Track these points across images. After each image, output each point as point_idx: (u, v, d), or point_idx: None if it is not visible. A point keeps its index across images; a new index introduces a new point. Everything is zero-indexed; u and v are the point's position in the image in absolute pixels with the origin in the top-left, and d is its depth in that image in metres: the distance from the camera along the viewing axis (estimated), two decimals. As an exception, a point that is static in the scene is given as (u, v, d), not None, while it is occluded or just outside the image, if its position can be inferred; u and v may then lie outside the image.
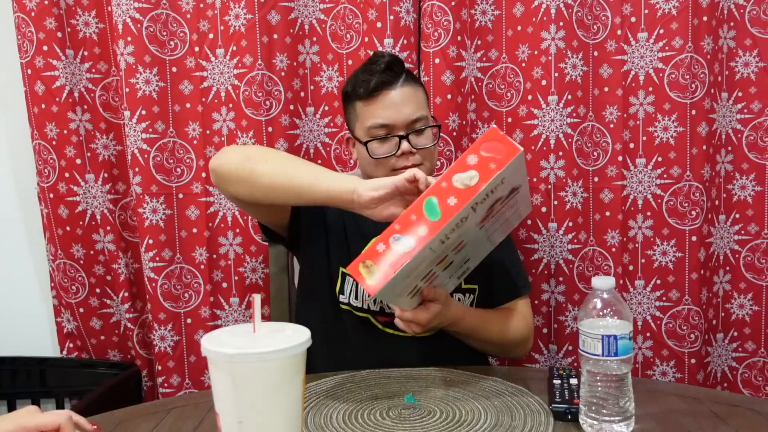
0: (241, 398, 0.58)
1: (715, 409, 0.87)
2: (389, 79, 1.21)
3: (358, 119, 1.23)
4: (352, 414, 0.86)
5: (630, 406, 0.80)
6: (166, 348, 1.55)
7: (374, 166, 1.21)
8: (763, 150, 1.47)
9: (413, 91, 1.23)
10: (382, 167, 1.20)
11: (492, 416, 0.84)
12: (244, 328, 0.64)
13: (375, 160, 1.20)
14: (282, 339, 0.61)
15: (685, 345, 1.51)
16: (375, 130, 1.20)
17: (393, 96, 1.20)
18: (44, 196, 1.58)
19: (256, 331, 0.62)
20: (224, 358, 0.58)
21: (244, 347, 0.58)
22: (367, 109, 1.21)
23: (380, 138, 1.20)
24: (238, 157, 1.10)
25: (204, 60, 1.53)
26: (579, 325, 0.81)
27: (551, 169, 1.49)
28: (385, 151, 1.19)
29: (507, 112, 1.53)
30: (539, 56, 1.48)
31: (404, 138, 1.18)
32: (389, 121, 1.19)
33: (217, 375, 0.60)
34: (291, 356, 0.59)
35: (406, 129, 1.19)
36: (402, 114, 1.19)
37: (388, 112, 1.19)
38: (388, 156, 1.19)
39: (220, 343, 0.60)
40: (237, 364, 0.58)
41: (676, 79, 1.44)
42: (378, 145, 1.20)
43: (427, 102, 1.27)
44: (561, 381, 0.92)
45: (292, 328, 0.64)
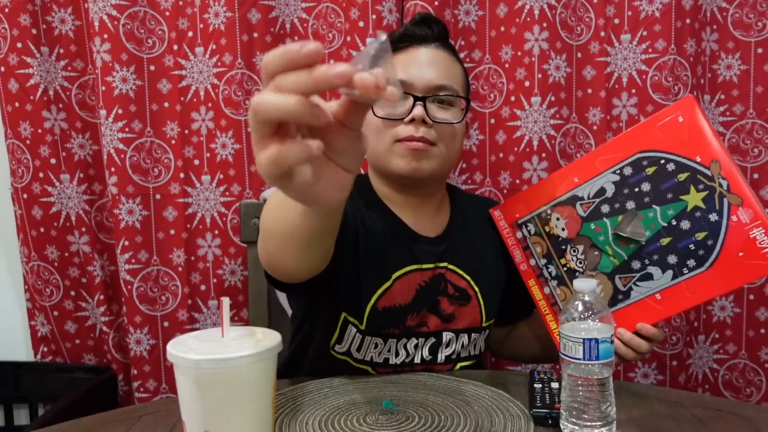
0: (207, 406, 0.56)
1: (698, 413, 0.86)
2: (421, 33, 1.06)
3: None
4: (328, 420, 0.83)
5: (611, 410, 0.78)
6: (142, 352, 1.52)
7: (376, 133, 1.02)
8: (744, 153, 1.47)
9: (448, 58, 1.06)
10: (384, 134, 1.02)
11: (471, 421, 0.83)
12: (212, 333, 0.62)
13: (379, 120, 1.01)
14: (251, 344, 0.58)
15: (666, 347, 1.50)
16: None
17: (420, 53, 1.04)
18: (18, 196, 1.54)
19: (224, 336, 0.60)
20: (189, 364, 0.56)
21: (211, 352, 0.56)
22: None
23: None
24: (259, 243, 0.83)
25: (182, 58, 1.50)
26: (560, 329, 0.80)
27: (534, 170, 1.48)
28: (393, 113, 1.00)
29: (490, 113, 1.52)
30: (522, 57, 1.47)
31: (421, 102, 1.00)
32: (407, 77, 1.01)
33: (182, 382, 0.57)
34: (260, 362, 0.57)
35: (426, 93, 1.01)
36: (425, 74, 1.01)
37: (409, 68, 1.02)
38: (395, 119, 1.00)
39: (186, 348, 0.57)
40: (203, 370, 0.55)
41: (659, 81, 1.44)
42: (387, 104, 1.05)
43: (466, 85, 1.12)
44: (542, 385, 0.91)
45: (262, 332, 0.62)
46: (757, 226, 0.89)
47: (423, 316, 1.07)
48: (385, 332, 1.04)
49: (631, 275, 0.98)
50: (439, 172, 1.06)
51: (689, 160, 0.93)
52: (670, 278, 0.96)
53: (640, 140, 0.97)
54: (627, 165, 0.97)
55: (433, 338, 1.07)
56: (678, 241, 0.95)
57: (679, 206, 0.94)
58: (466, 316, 1.10)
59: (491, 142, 1.52)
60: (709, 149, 0.92)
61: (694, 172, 0.93)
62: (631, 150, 0.97)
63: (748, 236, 0.90)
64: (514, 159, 1.49)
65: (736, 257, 0.90)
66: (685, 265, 0.94)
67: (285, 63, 0.41)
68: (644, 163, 0.96)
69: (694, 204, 0.94)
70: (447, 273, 1.09)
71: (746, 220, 0.90)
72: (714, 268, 0.92)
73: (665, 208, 0.95)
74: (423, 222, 1.10)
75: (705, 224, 0.93)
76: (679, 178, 0.94)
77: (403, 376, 1.02)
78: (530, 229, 1.06)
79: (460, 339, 1.09)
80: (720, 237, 0.91)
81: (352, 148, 0.49)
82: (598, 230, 1.00)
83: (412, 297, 1.05)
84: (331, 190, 0.49)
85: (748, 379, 1.51)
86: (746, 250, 0.90)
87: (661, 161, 0.95)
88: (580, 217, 1.01)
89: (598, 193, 1.00)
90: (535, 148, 1.47)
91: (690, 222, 0.94)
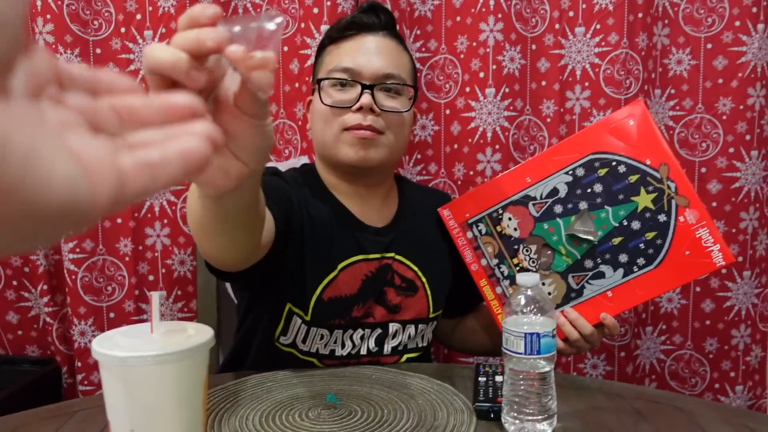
0: (133, 405, 0.54)
1: (638, 406, 0.87)
2: (368, 21, 1.05)
3: (323, 66, 1.05)
4: (269, 415, 0.82)
5: (552, 404, 0.79)
6: (86, 344, 1.48)
7: (323, 121, 1.02)
8: (693, 147, 1.49)
9: (396, 47, 1.06)
10: (332, 122, 1.01)
11: (414, 415, 0.82)
12: (140, 328, 0.60)
13: (327, 108, 1.00)
14: (181, 340, 0.56)
15: (615, 338, 1.53)
16: (336, 73, 1.01)
17: (368, 41, 1.03)
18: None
19: (153, 332, 0.58)
20: (115, 361, 0.53)
21: (138, 349, 0.54)
22: (335, 52, 1.04)
23: (339, 83, 1.01)
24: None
25: (131, 42, 1.46)
26: (503, 323, 0.80)
27: (488, 162, 1.48)
28: (340, 100, 1.00)
29: (445, 104, 1.51)
30: (477, 48, 1.46)
31: (368, 90, 0.99)
32: (355, 65, 1.00)
33: (108, 380, 0.55)
34: (190, 359, 0.55)
35: (374, 81, 1.01)
36: (372, 63, 1.01)
37: (357, 56, 1.01)
38: (343, 107, 1.00)
39: (113, 344, 0.55)
40: (129, 367, 0.53)
41: (611, 75, 1.45)
42: (334, 92, 1.01)
43: (414, 74, 1.11)
44: (486, 378, 0.91)
45: (194, 327, 0.60)
46: (703, 227, 0.93)
47: (369, 306, 1.06)
48: (330, 323, 1.03)
49: (584, 274, 1.00)
50: (387, 161, 1.06)
51: (639, 162, 0.96)
52: (621, 276, 0.98)
53: (592, 142, 0.98)
54: (579, 166, 0.98)
55: (380, 329, 1.06)
56: (629, 241, 0.97)
57: (630, 207, 0.97)
58: (413, 307, 1.09)
59: (446, 133, 1.51)
60: (658, 152, 0.95)
61: (644, 174, 0.96)
62: (583, 151, 0.98)
63: (695, 236, 0.93)
64: (468, 150, 1.49)
65: (683, 256, 0.94)
66: (636, 264, 0.97)
67: (187, 22, 0.40)
68: (596, 164, 0.98)
69: (644, 205, 0.96)
70: (394, 263, 1.08)
71: (692, 221, 0.94)
72: (662, 266, 0.95)
73: (617, 208, 0.97)
74: (370, 212, 1.09)
75: (654, 224, 0.96)
76: (630, 180, 0.97)
77: (348, 370, 1.01)
78: (481, 228, 1.05)
79: (406, 330, 1.08)
80: (668, 237, 0.95)
81: (248, 139, 0.46)
82: (552, 230, 1.00)
83: (358, 287, 1.04)
84: (218, 175, 0.47)
85: (693, 369, 1.55)
86: (692, 249, 0.94)
87: (613, 163, 0.97)
88: (533, 217, 1.02)
89: (551, 194, 1.00)
90: (489, 139, 1.47)
91: (640, 222, 0.96)
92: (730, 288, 1.52)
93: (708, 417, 0.84)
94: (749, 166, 1.48)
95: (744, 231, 1.50)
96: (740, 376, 1.54)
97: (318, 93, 1.04)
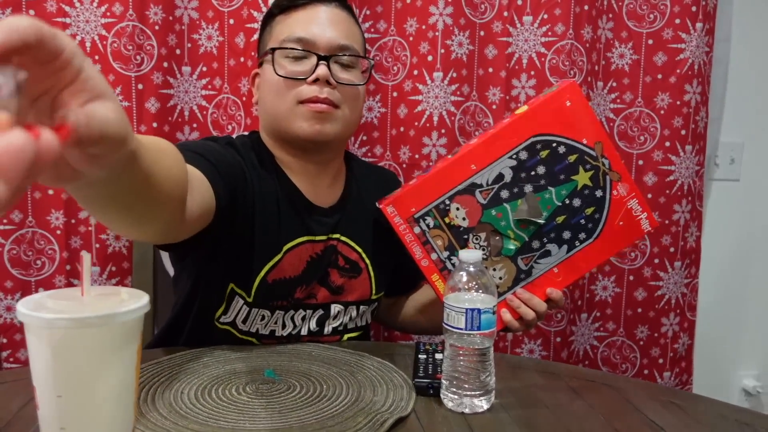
0: (60, 370, 0.51)
1: (573, 384, 0.89)
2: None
3: (272, 36, 1.02)
4: (206, 389, 0.80)
5: (491, 380, 0.80)
6: (12, 319, 1.41)
7: (275, 94, 0.99)
8: (631, 139, 1.54)
9: (348, 18, 1.04)
10: (285, 95, 0.98)
11: (354, 391, 0.81)
12: (70, 291, 0.57)
13: (280, 80, 0.97)
14: (113, 303, 0.54)
15: (552, 324, 1.56)
16: (289, 43, 0.98)
17: (321, 11, 1.01)
18: None
19: (84, 295, 0.55)
20: (42, 323, 0.51)
21: (66, 311, 0.51)
22: (286, 21, 1.00)
23: (294, 55, 0.98)
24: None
25: (67, 5, 1.39)
26: (444, 299, 0.80)
27: (433, 146, 1.48)
28: (295, 72, 0.97)
29: (393, 86, 1.51)
30: (427, 31, 1.46)
31: (324, 61, 0.97)
32: (309, 35, 0.98)
33: (33, 343, 0.52)
34: (122, 322, 0.53)
35: (328, 52, 0.99)
36: (326, 33, 0.98)
37: (311, 27, 0.99)
38: (298, 79, 0.97)
39: (39, 306, 0.52)
40: (56, 330, 0.51)
41: (556, 65, 1.47)
42: (287, 63, 0.98)
43: (364, 48, 1.10)
44: (426, 356, 0.91)
45: (128, 292, 0.57)
46: (632, 198, 1.00)
47: (312, 288, 1.04)
48: (273, 304, 1.01)
49: (532, 254, 1.01)
50: (342, 135, 1.04)
51: (577, 142, 0.99)
52: (565, 252, 1.02)
53: (532, 124, 0.98)
54: (522, 149, 0.98)
55: (321, 310, 1.05)
56: (571, 218, 1.00)
57: (570, 186, 0.99)
58: (356, 289, 1.08)
59: (392, 116, 1.51)
60: (592, 131, 0.98)
61: (581, 153, 0.99)
62: (525, 134, 0.98)
63: (626, 207, 1.00)
64: (414, 133, 1.49)
65: (617, 226, 1.00)
66: (578, 239, 1.01)
67: None
68: (538, 146, 0.99)
69: (583, 183, 0.99)
70: (339, 245, 1.07)
71: (624, 194, 1.00)
72: (600, 238, 1.01)
73: (559, 188, 0.99)
74: (319, 191, 1.07)
75: (592, 200, 1.00)
76: (569, 160, 0.99)
77: (288, 347, 0.99)
78: (429, 222, 1.01)
79: (348, 311, 1.08)
80: (604, 210, 1.00)
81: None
82: (499, 216, 1.00)
83: (303, 269, 1.03)
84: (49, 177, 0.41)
85: (624, 355, 1.60)
86: (624, 219, 1.00)
87: (553, 144, 0.98)
88: (480, 205, 1.00)
89: (497, 179, 1.00)
90: (435, 123, 1.48)
91: (580, 200, 1.00)
92: (662, 277, 1.57)
93: (638, 394, 0.86)
94: (683, 160, 1.53)
95: (676, 223, 1.55)
96: (668, 362, 1.60)
97: (272, 65, 1.00)
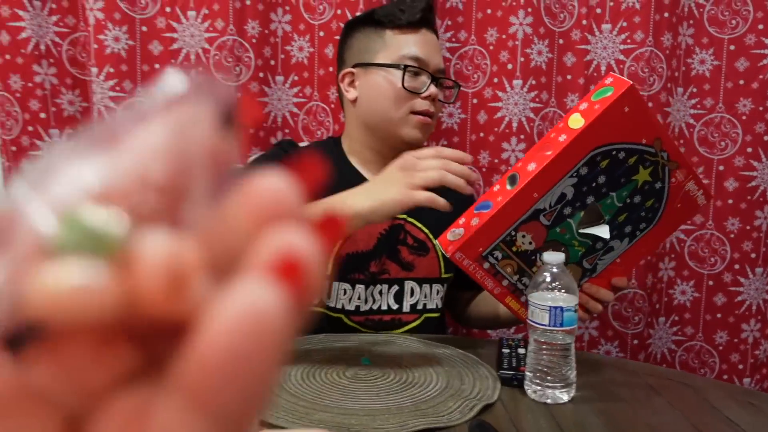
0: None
1: (650, 382, 0.93)
2: (430, 19, 1.19)
3: (387, 47, 1.16)
4: (311, 372, 0.89)
5: (572, 374, 0.85)
6: None
7: (394, 101, 1.14)
8: (712, 145, 1.55)
9: (438, 45, 1.22)
10: (402, 104, 1.14)
11: (443, 379, 0.89)
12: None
13: (400, 90, 1.13)
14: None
15: (629, 326, 1.59)
16: (409, 60, 1.13)
17: (430, 37, 1.17)
18: (6, 148, 1.55)
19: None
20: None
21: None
22: (403, 38, 1.15)
23: (413, 70, 1.13)
24: None
25: (175, 21, 1.52)
26: (528, 297, 0.86)
27: (512, 151, 1.54)
28: (415, 87, 1.13)
29: (473, 93, 1.57)
30: (507, 40, 1.51)
31: (434, 81, 1.14)
32: (425, 56, 1.14)
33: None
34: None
35: (435, 73, 1.15)
36: (434, 58, 1.16)
37: (426, 49, 1.15)
38: (416, 93, 1.13)
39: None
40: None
41: (635, 72, 1.50)
42: (408, 78, 1.13)
43: None
44: (509, 350, 0.97)
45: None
46: (689, 180, 1.01)
47: (384, 263, 1.16)
48: (351, 278, 1.13)
49: (596, 254, 1.05)
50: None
51: (636, 144, 0.96)
52: (627, 244, 1.05)
53: (590, 140, 0.95)
54: (582, 165, 0.96)
55: (396, 286, 1.16)
56: (632, 214, 1.02)
57: (631, 186, 1.00)
58: (425, 267, 1.18)
59: (472, 122, 1.57)
60: (650, 129, 0.96)
61: (641, 153, 0.97)
62: (584, 151, 0.95)
63: (684, 189, 1.02)
64: (494, 139, 1.55)
65: (676, 208, 1.03)
66: (638, 229, 1.04)
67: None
68: (598, 158, 0.96)
69: (643, 180, 1.00)
70: (406, 224, 1.18)
71: (682, 178, 1.01)
72: (660, 222, 1.04)
73: (620, 191, 1.00)
74: None
75: (652, 193, 1.01)
76: (629, 163, 0.98)
77: (380, 337, 1.07)
78: (497, 255, 0.99)
79: (422, 289, 1.17)
80: (664, 199, 1.02)
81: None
82: (563, 231, 1.01)
83: (373, 244, 1.15)
84: None
85: (702, 360, 1.61)
86: (682, 201, 1.03)
87: (613, 152, 0.96)
88: (545, 227, 1.00)
89: (559, 199, 0.98)
90: (514, 129, 1.53)
91: (641, 195, 1.01)
92: (742, 283, 1.57)
93: (715, 394, 0.90)
94: (766, 165, 1.53)
95: (758, 228, 1.55)
96: (748, 368, 1.59)
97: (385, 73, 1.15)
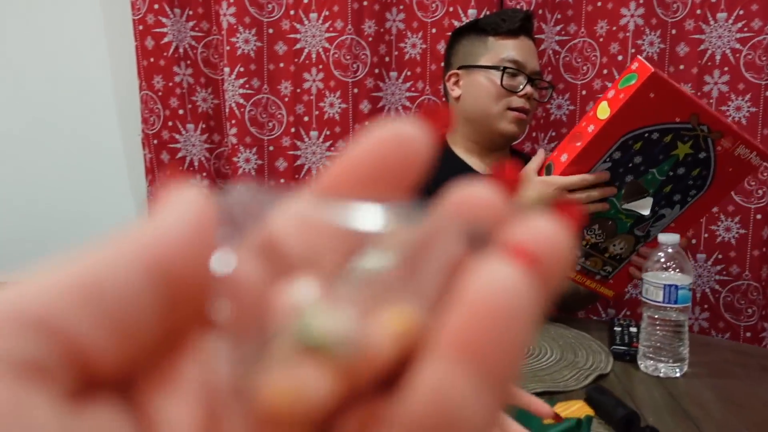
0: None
1: (765, 364, 0.95)
2: (528, 28, 1.32)
3: (489, 51, 1.30)
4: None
5: (684, 351, 0.89)
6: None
7: (493, 99, 1.28)
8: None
9: (536, 50, 1.35)
10: (500, 101, 1.27)
11: (557, 352, 0.94)
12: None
13: (499, 89, 1.27)
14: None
15: (741, 319, 1.56)
16: (508, 62, 1.27)
17: (528, 43, 1.31)
18: (148, 142, 1.73)
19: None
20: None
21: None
22: (504, 44, 1.29)
23: (509, 72, 1.27)
24: None
25: (298, 23, 1.64)
26: (644, 276, 0.90)
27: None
28: (512, 85, 1.27)
29: (582, 85, 1.60)
30: (617, 32, 1.53)
31: (530, 82, 1.28)
32: (523, 59, 1.28)
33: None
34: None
35: (531, 75, 1.29)
36: (531, 62, 1.30)
37: (523, 53, 1.29)
38: (513, 91, 1.27)
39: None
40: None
41: (752, 60, 1.48)
42: (506, 78, 1.27)
43: None
44: (621, 328, 1.01)
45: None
46: (739, 145, 0.99)
47: None
48: None
49: (647, 222, 1.07)
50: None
51: (669, 123, 0.96)
52: (679, 210, 1.06)
53: (618, 127, 0.96)
54: (615, 150, 0.98)
55: None
56: (678, 184, 1.03)
57: (671, 161, 1.00)
58: None
59: (581, 113, 1.60)
60: (684, 107, 0.95)
61: (676, 131, 0.97)
62: (613, 138, 0.97)
63: (734, 155, 1.00)
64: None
65: (728, 172, 1.02)
66: (689, 195, 1.05)
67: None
68: (630, 142, 0.97)
69: (684, 153, 1.00)
70: None
71: (729, 145, 0.99)
72: (712, 187, 1.04)
73: (661, 167, 1.01)
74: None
75: (697, 162, 1.01)
76: (665, 141, 0.98)
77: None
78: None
79: None
80: (711, 166, 1.01)
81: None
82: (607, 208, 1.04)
83: None
84: None
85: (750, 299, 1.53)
86: (734, 165, 1.01)
87: (645, 135, 0.97)
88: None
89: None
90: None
91: (685, 167, 1.01)
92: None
93: (835, 377, 0.90)
94: None
95: None
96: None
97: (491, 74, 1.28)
